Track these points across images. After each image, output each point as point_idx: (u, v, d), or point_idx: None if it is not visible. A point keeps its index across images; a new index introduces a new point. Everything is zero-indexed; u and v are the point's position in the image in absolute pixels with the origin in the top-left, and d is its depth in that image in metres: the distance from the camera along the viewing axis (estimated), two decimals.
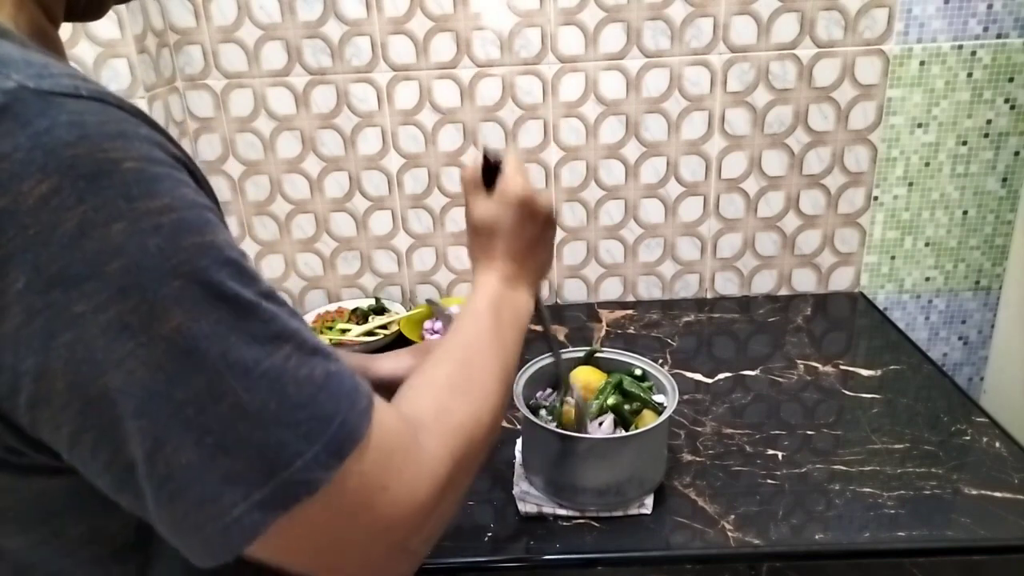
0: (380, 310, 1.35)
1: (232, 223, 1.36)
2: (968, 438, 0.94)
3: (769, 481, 0.87)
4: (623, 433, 0.82)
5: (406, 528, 0.42)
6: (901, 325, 1.30)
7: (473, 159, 0.69)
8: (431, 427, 0.46)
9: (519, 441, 0.92)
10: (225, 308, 0.35)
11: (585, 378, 0.89)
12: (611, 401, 0.85)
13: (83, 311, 0.32)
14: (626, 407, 0.86)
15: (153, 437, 0.34)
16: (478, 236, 0.67)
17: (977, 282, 1.38)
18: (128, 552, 0.42)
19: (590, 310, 1.37)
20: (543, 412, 0.87)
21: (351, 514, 0.39)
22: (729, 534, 0.79)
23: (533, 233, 0.66)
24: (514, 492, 0.85)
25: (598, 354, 0.93)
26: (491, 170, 0.67)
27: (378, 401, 0.42)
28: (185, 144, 1.28)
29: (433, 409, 0.48)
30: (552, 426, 0.83)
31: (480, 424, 0.50)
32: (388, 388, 0.53)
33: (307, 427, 0.37)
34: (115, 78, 1.13)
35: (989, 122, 1.27)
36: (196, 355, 0.34)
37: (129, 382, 0.33)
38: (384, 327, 1.28)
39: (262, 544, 0.37)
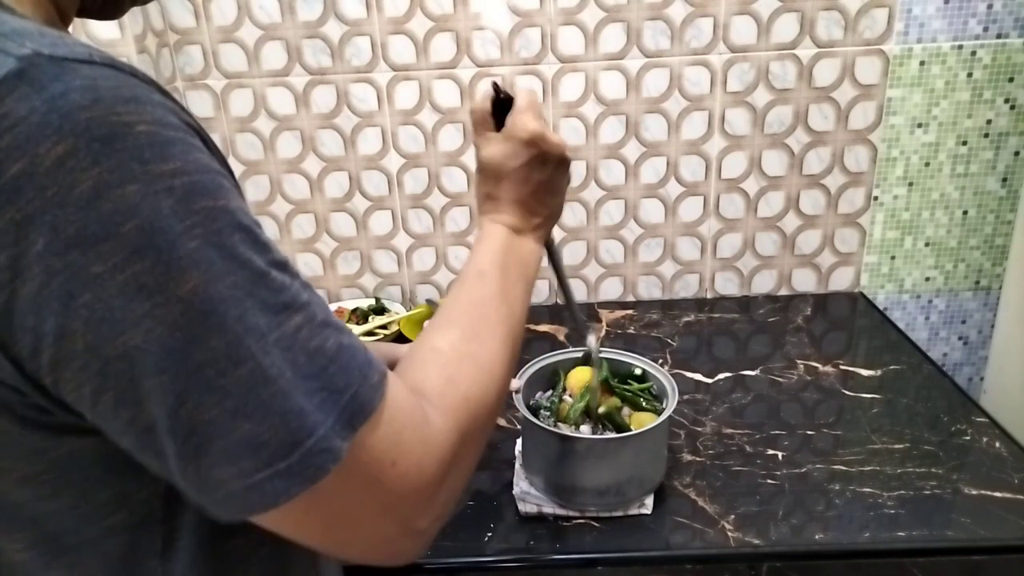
0: (380, 310, 1.35)
1: None
2: (968, 438, 0.94)
3: (769, 481, 0.87)
4: (623, 433, 0.82)
5: (415, 504, 0.42)
6: (901, 325, 1.30)
7: (483, 93, 0.65)
8: (438, 401, 0.46)
9: (519, 441, 0.92)
10: (239, 272, 0.35)
11: (583, 378, 0.89)
12: (603, 410, 0.85)
13: (100, 271, 0.32)
14: (619, 409, 0.86)
15: (175, 393, 0.34)
16: (485, 178, 0.63)
17: (977, 282, 1.38)
18: (153, 524, 0.42)
19: (590, 310, 1.37)
20: (543, 412, 0.87)
21: (361, 489, 0.40)
22: (729, 534, 0.79)
23: (543, 176, 0.62)
24: (514, 492, 0.85)
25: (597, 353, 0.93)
26: (502, 106, 0.63)
27: (391, 376, 0.42)
28: None
29: (439, 381, 0.47)
30: (551, 423, 0.83)
31: (487, 394, 0.50)
32: None
33: (320, 397, 0.37)
34: None
35: (989, 122, 1.27)
36: (214, 317, 0.34)
37: (148, 340, 0.33)
38: (384, 327, 1.28)
39: (278, 513, 0.37)
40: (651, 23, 1.22)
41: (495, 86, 0.64)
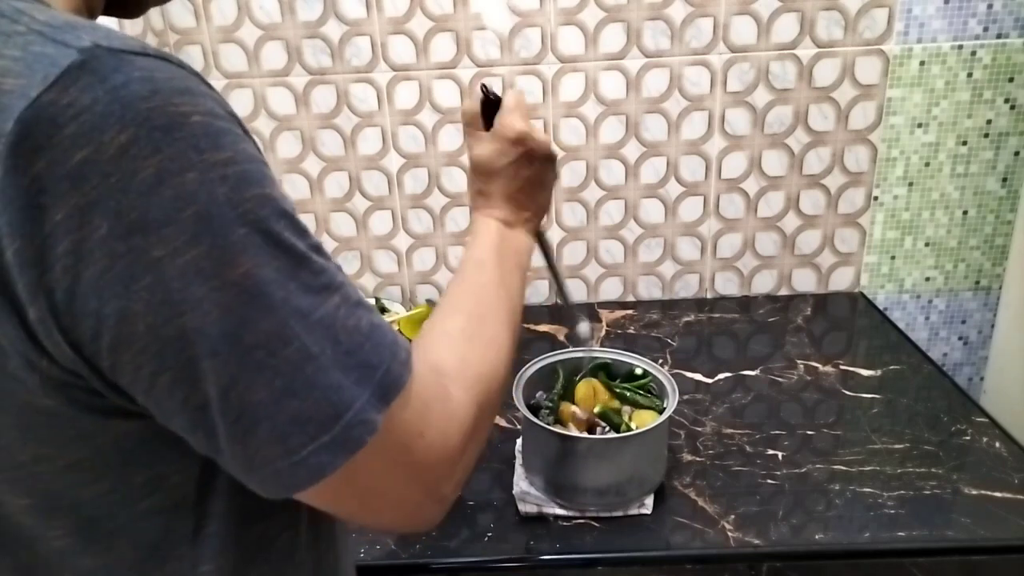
0: (380, 310, 1.35)
1: None
2: (968, 438, 0.94)
3: (769, 481, 0.87)
4: (624, 433, 0.82)
5: (439, 473, 0.45)
6: (901, 325, 1.30)
7: (473, 95, 0.68)
8: (455, 377, 0.48)
9: (519, 441, 0.92)
10: (284, 257, 0.37)
11: (584, 392, 0.89)
12: (599, 409, 0.86)
13: (161, 255, 0.34)
14: (618, 409, 0.86)
15: (228, 375, 0.36)
16: (476, 175, 0.67)
17: (977, 282, 1.38)
18: (186, 509, 0.43)
19: (590, 310, 1.37)
20: (543, 412, 0.87)
21: (393, 460, 0.42)
22: (729, 534, 0.79)
23: (530, 173, 0.66)
24: (514, 492, 0.85)
25: (597, 355, 0.93)
26: (491, 107, 0.65)
27: (415, 353, 0.44)
28: None
29: (454, 360, 0.50)
30: (551, 421, 0.83)
31: (496, 372, 0.53)
32: None
33: (358, 373, 0.39)
34: None
35: (989, 122, 1.27)
36: (263, 299, 0.36)
37: (205, 323, 0.35)
38: None
39: (320, 487, 0.39)
40: (651, 23, 1.22)
41: (483, 87, 0.66)
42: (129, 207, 0.33)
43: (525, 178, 0.65)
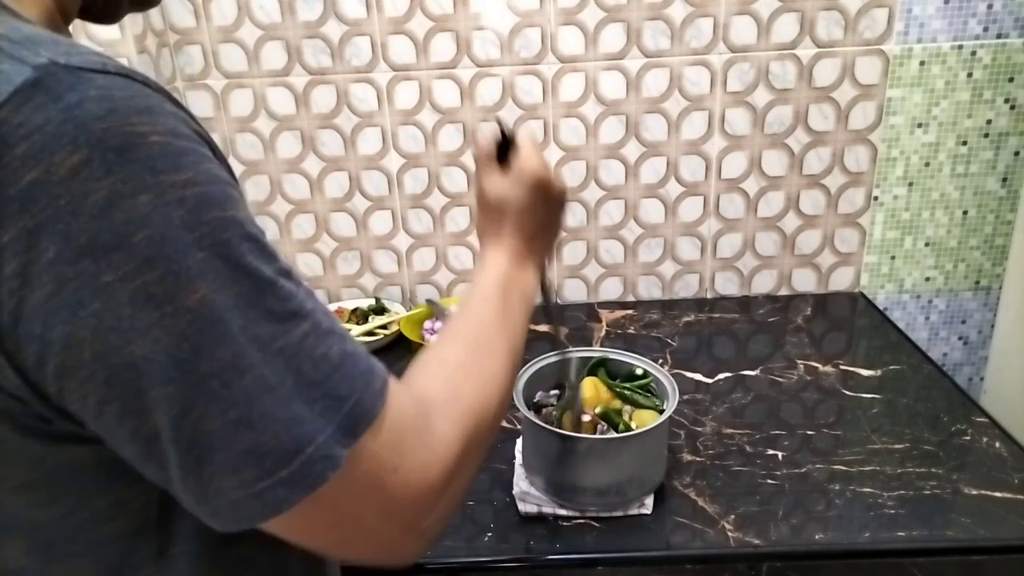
0: (380, 310, 1.35)
1: None
2: (968, 438, 0.94)
3: (769, 481, 0.87)
4: (624, 433, 0.82)
5: (416, 509, 0.43)
6: (901, 325, 1.30)
7: (487, 132, 0.68)
8: (442, 409, 0.46)
9: (519, 441, 0.92)
10: (246, 282, 0.36)
11: (590, 392, 0.89)
12: (599, 410, 0.85)
13: (111, 280, 0.32)
14: (618, 410, 0.86)
15: (180, 404, 0.34)
16: (487, 212, 0.66)
17: (977, 282, 1.38)
18: (150, 530, 0.42)
19: (590, 310, 1.37)
20: (544, 411, 0.87)
21: (363, 495, 0.40)
22: (729, 534, 0.79)
23: (546, 215, 0.66)
24: (514, 492, 0.85)
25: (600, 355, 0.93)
26: (504, 144, 0.66)
27: (393, 383, 0.43)
28: None
29: (444, 391, 0.48)
30: (552, 418, 0.83)
31: (489, 406, 0.51)
32: None
33: (322, 405, 0.38)
34: None
35: (989, 122, 1.27)
36: (219, 327, 0.35)
37: (155, 351, 0.33)
38: (384, 327, 1.28)
39: (279, 520, 0.37)
40: (651, 23, 1.22)
41: (499, 123, 0.67)
42: (79, 230, 0.32)
43: (539, 219, 0.65)
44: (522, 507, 0.84)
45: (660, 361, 1.15)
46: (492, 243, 0.65)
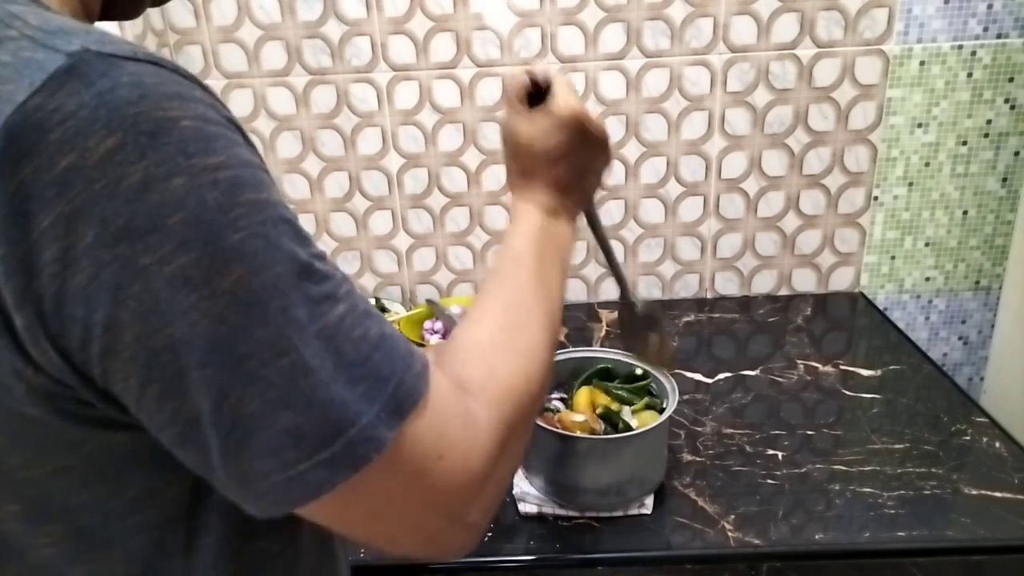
0: (380, 310, 1.35)
1: None
2: (968, 438, 0.94)
3: (769, 481, 0.87)
4: (623, 433, 0.82)
5: (461, 499, 0.42)
6: (901, 325, 1.30)
7: (517, 77, 0.63)
8: (481, 394, 0.45)
9: None
10: (282, 264, 0.36)
11: (584, 400, 0.89)
12: (600, 410, 0.85)
13: (148, 263, 0.33)
14: (618, 410, 0.86)
15: (218, 387, 0.34)
16: (518, 158, 0.61)
17: (977, 282, 1.38)
18: (178, 522, 0.42)
19: (590, 310, 1.37)
20: (544, 411, 0.87)
21: (407, 482, 0.39)
22: (729, 534, 0.79)
23: (585, 159, 0.61)
24: (514, 492, 0.85)
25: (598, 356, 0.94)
26: (536, 95, 0.61)
27: (433, 367, 0.42)
28: None
29: (481, 373, 0.46)
30: (551, 417, 0.83)
31: (530, 382, 0.49)
32: None
33: (365, 386, 0.37)
34: None
35: (989, 122, 1.27)
36: (257, 308, 0.35)
37: (193, 333, 0.34)
38: None
39: (320, 505, 0.37)
40: (651, 23, 1.22)
41: (531, 74, 0.62)
42: (115, 214, 0.32)
43: (575, 161, 0.60)
44: (522, 507, 0.84)
45: None
46: (523, 194, 0.61)
